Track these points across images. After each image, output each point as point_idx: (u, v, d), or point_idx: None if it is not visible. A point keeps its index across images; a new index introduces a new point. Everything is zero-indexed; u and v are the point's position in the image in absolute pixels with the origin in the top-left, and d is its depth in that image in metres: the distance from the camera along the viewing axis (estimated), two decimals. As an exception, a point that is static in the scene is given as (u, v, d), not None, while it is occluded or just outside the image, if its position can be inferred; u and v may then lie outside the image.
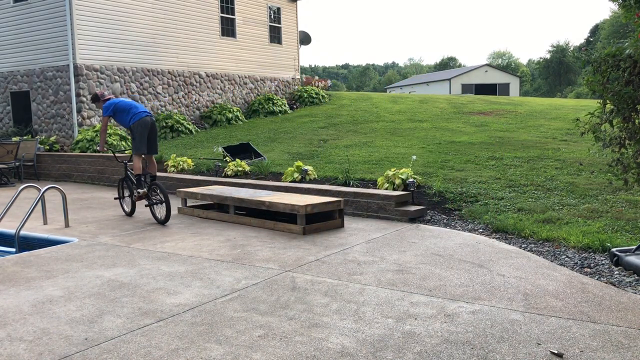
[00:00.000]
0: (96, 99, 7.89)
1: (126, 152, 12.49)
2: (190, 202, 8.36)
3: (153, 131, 7.66)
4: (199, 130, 16.67)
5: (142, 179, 7.67)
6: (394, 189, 7.72)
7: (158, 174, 10.13)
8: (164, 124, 15.67)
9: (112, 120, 14.88)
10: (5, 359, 3.22)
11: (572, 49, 77.20)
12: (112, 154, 9.67)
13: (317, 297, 4.21)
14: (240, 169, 10.09)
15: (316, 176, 9.09)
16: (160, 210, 7.43)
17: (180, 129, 15.83)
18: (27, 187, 7.22)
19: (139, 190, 7.60)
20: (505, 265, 4.93)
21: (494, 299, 4.07)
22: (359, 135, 13.81)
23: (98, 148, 9.18)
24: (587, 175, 8.40)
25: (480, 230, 6.45)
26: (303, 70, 47.85)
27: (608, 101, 5.11)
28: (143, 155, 7.67)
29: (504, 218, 6.53)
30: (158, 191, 7.37)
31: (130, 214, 8.06)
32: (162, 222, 7.35)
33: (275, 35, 20.65)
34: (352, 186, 8.26)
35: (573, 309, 3.84)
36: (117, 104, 7.65)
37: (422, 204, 7.45)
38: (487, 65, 57.64)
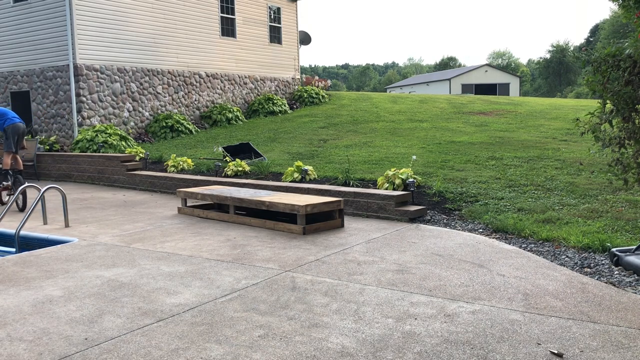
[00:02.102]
0: None
1: (126, 151, 12.49)
2: (190, 202, 8.36)
3: (22, 135, 9.24)
4: (199, 130, 16.67)
5: (10, 173, 9.07)
6: (394, 189, 7.72)
7: (158, 173, 10.75)
8: (164, 124, 15.67)
9: (112, 121, 14.91)
10: (5, 359, 3.22)
11: (572, 49, 77.18)
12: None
13: (317, 297, 4.22)
14: (240, 169, 10.09)
15: (316, 176, 9.09)
16: (20, 200, 8.64)
17: (180, 129, 15.82)
18: (27, 187, 7.22)
19: (3, 182, 8.97)
20: (505, 265, 4.93)
21: (494, 299, 4.08)
22: (359, 135, 13.81)
23: None
24: (587, 175, 8.40)
25: (480, 230, 6.45)
26: (303, 70, 47.80)
27: (608, 101, 5.11)
28: (12, 154, 9.02)
29: (504, 218, 6.53)
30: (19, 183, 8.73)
31: None
32: (22, 210, 8.49)
33: (275, 35, 20.65)
34: (352, 186, 8.26)
35: (573, 309, 3.84)
36: None
37: (422, 204, 7.45)
38: (487, 65, 57.63)
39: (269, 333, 3.53)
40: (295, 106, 20.59)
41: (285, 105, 19.67)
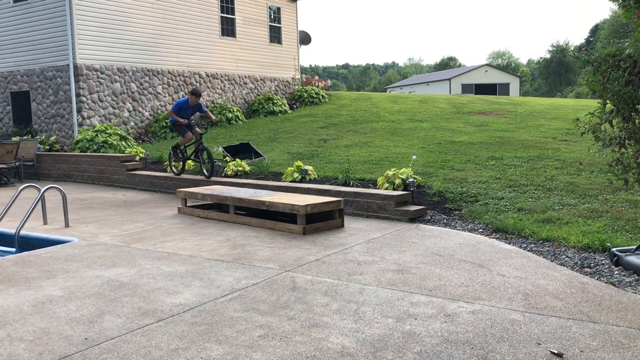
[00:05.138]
0: None
1: (126, 151, 12.49)
2: (190, 202, 8.36)
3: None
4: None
5: (181, 149, 10.19)
6: (394, 189, 7.72)
7: (158, 173, 10.78)
8: (164, 124, 15.67)
9: (112, 121, 14.92)
10: (5, 359, 3.22)
11: (572, 49, 77.12)
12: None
13: (317, 297, 4.22)
14: (240, 168, 10.09)
15: (316, 176, 9.09)
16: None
17: (180, 129, 15.81)
18: (27, 187, 7.21)
19: (172, 155, 10.32)
20: (505, 265, 4.93)
21: (494, 299, 4.08)
22: (359, 135, 13.81)
23: None
24: (587, 175, 8.40)
25: (480, 230, 6.45)
26: (303, 70, 47.75)
27: (608, 101, 5.11)
28: None
29: (504, 218, 6.53)
30: None
31: None
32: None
33: (275, 35, 20.65)
34: (352, 186, 8.26)
35: (573, 309, 3.84)
36: None
37: (422, 203, 7.45)
38: (487, 65, 57.61)
39: (269, 333, 3.53)
40: (295, 106, 20.59)
41: (285, 105, 19.67)
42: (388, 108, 18.77)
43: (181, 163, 10.32)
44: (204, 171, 9.83)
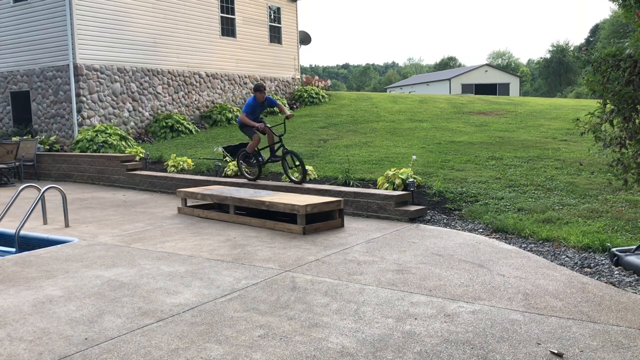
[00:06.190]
0: None
1: (126, 151, 12.49)
2: (190, 202, 8.36)
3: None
4: (199, 130, 16.67)
5: (252, 155, 9.30)
6: (394, 189, 7.72)
7: (158, 173, 10.63)
8: (164, 124, 15.67)
9: (112, 121, 14.93)
10: (5, 358, 3.22)
11: (572, 49, 77.12)
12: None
13: (317, 297, 4.22)
14: (240, 168, 10.07)
15: (316, 176, 9.08)
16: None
17: (180, 128, 15.82)
18: (27, 187, 7.21)
19: (241, 160, 9.50)
20: (505, 265, 4.93)
21: (494, 299, 4.08)
22: (359, 135, 13.80)
23: None
24: (587, 175, 8.40)
25: (480, 230, 6.45)
26: (303, 70, 47.80)
27: (608, 101, 5.11)
28: None
29: (504, 218, 6.53)
30: None
31: None
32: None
33: (275, 35, 20.65)
34: (352, 186, 8.26)
35: (573, 309, 3.84)
36: None
37: (422, 203, 7.45)
38: (487, 65, 57.59)
39: (269, 333, 3.53)
40: (295, 106, 20.59)
41: (285, 105, 19.67)
42: (388, 108, 18.77)
43: (256, 168, 9.27)
44: (291, 177, 8.74)
